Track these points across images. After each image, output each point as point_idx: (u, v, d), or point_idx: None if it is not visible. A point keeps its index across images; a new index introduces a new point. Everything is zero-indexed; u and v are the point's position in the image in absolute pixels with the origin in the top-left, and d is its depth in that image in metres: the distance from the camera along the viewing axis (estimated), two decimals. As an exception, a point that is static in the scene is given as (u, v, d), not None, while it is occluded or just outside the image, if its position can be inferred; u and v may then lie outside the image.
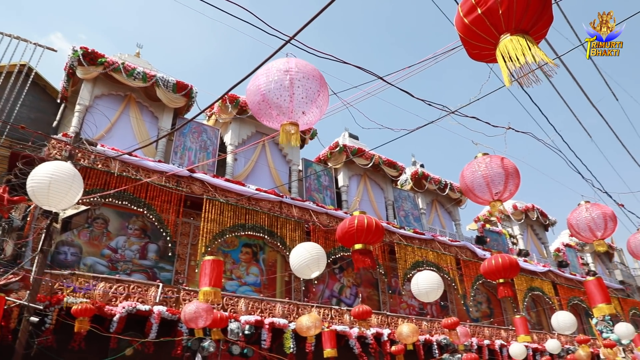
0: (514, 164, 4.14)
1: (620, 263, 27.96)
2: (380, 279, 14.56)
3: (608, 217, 4.97)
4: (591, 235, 4.99)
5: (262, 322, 10.31)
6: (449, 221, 18.73)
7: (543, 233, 23.21)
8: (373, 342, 11.84)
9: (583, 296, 19.59)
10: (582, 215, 5.03)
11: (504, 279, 5.23)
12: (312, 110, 3.33)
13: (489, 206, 4.17)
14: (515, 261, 5.50)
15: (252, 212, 11.94)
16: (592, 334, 17.48)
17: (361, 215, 4.58)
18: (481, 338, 14.68)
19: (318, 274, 4.99)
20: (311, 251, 4.96)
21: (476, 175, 4.07)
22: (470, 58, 2.60)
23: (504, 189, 3.99)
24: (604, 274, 24.93)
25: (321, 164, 15.38)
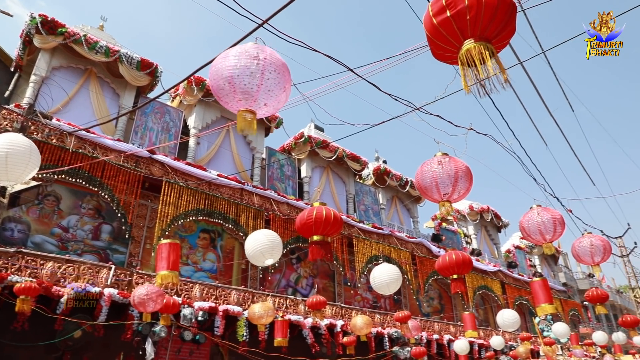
0: (467, 166, 4.24)
1: (565, 266, 29.38)
2: (337, 271, 14.70)
3: (557, 221, 5.20)
4: (541, 238, 5.21)
5: (216, 309, 10.21)
6: (407, 218, 19.10)
7: (496, 234, 24.06)
8: (326, 333, 11.97)
9: (528, 296, 20.46)
10: (533, 219, 5.25)
11: (457, 275, 5.40)
12: (273, 103, 3.31)
13: (439, 206, 4.27)
14: (469, 258, 5.68)
15: (212, 198, 11.77)
16: (534, 332, 18.30)
17: (320, 206, 4.58)
18: (431, 332, 15.10)
19: (272, 262, 4.97)
20: (267, 238, 4.92)
21: (428, 175, 4.15)
22: (434, 57, 2.65)
23: (452, 190, 4.09)
24: (549, 276, 26.11)
25: (285, 154, 15.33)
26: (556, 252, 27.87)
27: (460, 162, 4.22)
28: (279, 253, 5.14)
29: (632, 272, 24.34)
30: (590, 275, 29.02)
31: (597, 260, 5.90)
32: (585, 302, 26.92)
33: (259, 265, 5.37)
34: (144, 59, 11.79)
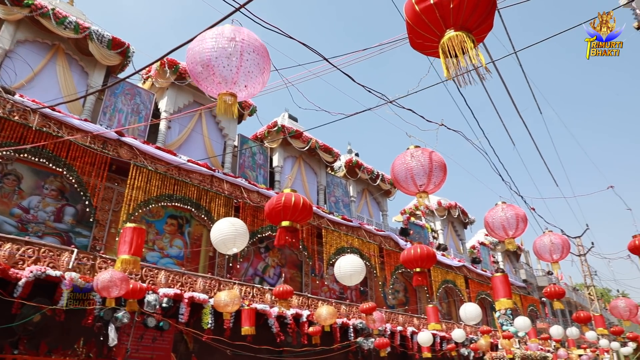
0: (442, 158, 4.31)
1: (526, 263, 30.35)
2: (305, 262, 14.74)
3: (520, 218, 5.35)
4: (504, 234, 5.36)
5: (181, 296, 10.09)
6: (376, 211, 19.30)
7: (462, 230, 24.61)
8: (292, 323, 12.01)
9: (490, 291, 21.06)
10: (498, 215, 5.39)
11: (420, 268, 5.49)
12: (254, 85, 3.25)
13: (415, 197, 4.32)
14: (433, 252, 5.79)
15: (182, 184, 11.58)
16: (493, 326, 18.86)
17: (290, 193, 4.57)
18: (395, 324, 15.35)
19: (236, 250, 4.93)
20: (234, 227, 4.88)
21: (403, 167, 4.19)
22: (412, 47, 2.65)
23: (428, 181, 4.14)
24: (511, 272, 26.93)
25: (257, 142, 15.20)
26: (518, 249, 28.76)
27: (435, 154, 4.28)
28: (245, 243, 5.10)
29: (588, 271, 25.35)
30: (549, 272, 30.04)
31: (555, 257, 6.11)
32: (543, 298, 27.91)
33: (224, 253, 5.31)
34: (116, 37, 11.44)
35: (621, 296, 12.94)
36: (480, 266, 22.97)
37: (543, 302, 28.49)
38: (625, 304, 10.99)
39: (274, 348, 11.44)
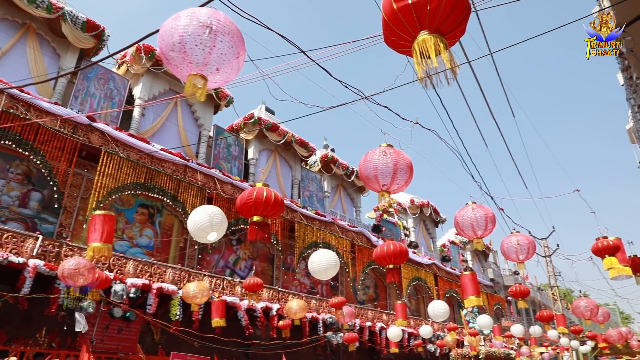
0: (408, 160, 4.35)
1: (494, 263, 31.05)
2: (277, 255, 14.72)
3: (489, 218, 5.47)
4: (472, 233, 5.46)
5: (149, 287, 9.95)
6: (350, 207, 19.40)
7: (433, 229, 24.98)
8: (261, 316, 11.99)
9: (458, 289, 21.47)
10: (467, 214, 5.49)
11: (392, 264, 5.56)
12: (226, 70, 3.18)
13: (379, 196, 4.35)
14: (405, 249, 5.86)
15: (154, 173, 11.38)
16: (460, 323, 19.24)
17: (262, 187, 4.54)
18: (364, 319, 15.50)
19: (215, 237, 4.88)
20: (211, 214, 4.81)
21: (370, 165, 4.22)
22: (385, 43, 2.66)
23: (391, 182, 4.18)
24: (479, 271, 27.50)
25: (233, 134, 15.06)
26: (487, 249, 29.38)
27: (402, 155, 4.31)
28: (224, 229, 5.04)
29: (553, 272, 26.10)
30: (515, 272, 30.79)
31: (521, 257, 6.27)
32: (509, 297, 28.63)
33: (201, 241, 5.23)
34: (90, 20, 11.13)
35: (583, 296, 13.37)
36: (449, 264, 23.38)
37: (509, 301, 29.23)
38: (586, 304, 11.38)
39: (242, 341, 11.40)
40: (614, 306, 51.26)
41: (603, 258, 7.22)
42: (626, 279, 7.95)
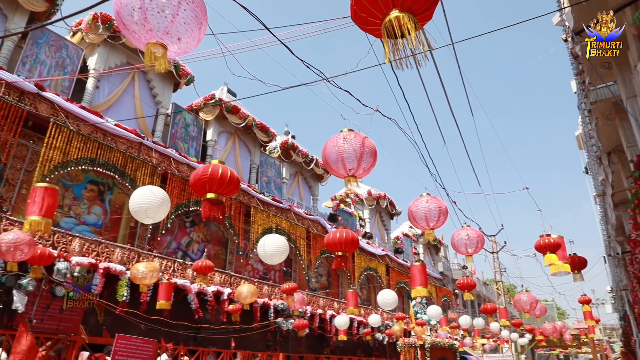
0: (373, 144, 4.34)
1: (444, 257, 32.00)
2: (231, 239, 14.54)
3: (442, 210, 5.58)
4: (425, 224, 5.56)
5: (96, 266, 9.61)
6: (307, 195, 19.41)
7: (388, 221, 25.41)
8: (212, 300, 11.85)
9: (409, 280, 21.97)
10: (421, 205, 5.58)
11: (342, 252, 5.58)
12: (188, 40, 3.04)
13: (345, 181, 4.34)
14: (356, 238, 5.88)
15: (106, 148, 10.93)
16: (408, 314, 19.73)
17: (217, 164, 4.42)
18: (315, 307, 15.61)
19: (152, 221, 4.71)
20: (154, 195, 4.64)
21: (335, 150, 4.19)
22: (353, 19, 2.59)
23: (357, 166, 4.17)
24: (430, 264, 28.27)
25: (192, 113, 14.66)
26: (438, 243, 30.21)
27: (367, 140, 4.29)
28: (164, 213, 4.88)
29: (499, 267, 27.17)
30: (464, 267, 31.82)
31: (470, 251, 6.45)
32: (456, 290, 29.61)
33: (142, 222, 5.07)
34: (43, -18, 10.48)
35: (524, 291, 13.97)
36: (402, 256, 23.88)
37: (456, 293, 30.23)
38: (527, 298, 11.91)
39: (191, 324, 11.23)
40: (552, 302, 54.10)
41: (545, 254, 7.54)
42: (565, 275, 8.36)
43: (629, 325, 17.13)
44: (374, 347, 19.32)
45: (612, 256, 13.27)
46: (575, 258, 8.34)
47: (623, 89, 6.44)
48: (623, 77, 6.49)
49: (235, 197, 13.97)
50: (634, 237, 6.84)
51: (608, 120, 7.89)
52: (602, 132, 8.22)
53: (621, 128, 7.61)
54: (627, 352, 24.56)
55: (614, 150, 8.59)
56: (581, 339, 32.51)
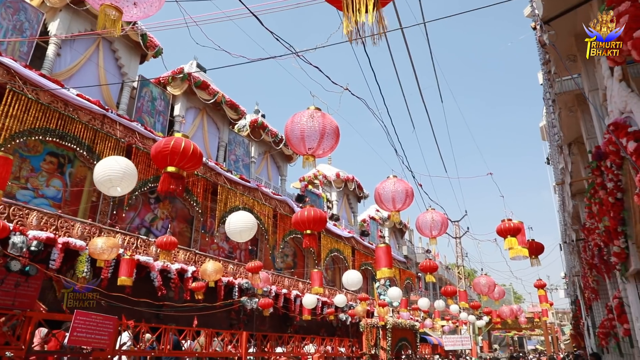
0: (336, 125, 4.31)
1: (409, 241, 32.64)
2: (197, 217, 14.36)
3: (408, 193, 5.64)
4: (392, 206, 5.61)
5: (54, 240, 9.32)
6: (276, 175, 19.31)
7: (355, 203, 25.62)
8: (176, 277, 11.72)
9: (374, 262, 22.34)
10: (388, 187, 5.61)
11: (310, 230, 5.58)
12: (145, 5, 2.90)
13: (303, 159, 4.29)
14: (324, 216, 5.89)
15: (67, 119, 10.52)
16: (372, 296, 20.10)
17: (181, 137, 4.29)
18: (280, 287, 15.68)
19: (120, 192, 4.57)
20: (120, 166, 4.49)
21: (297, 127, 4.13)
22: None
23: (317, 145, 4.13)
24: (395, 247, 28.77)
25: (159, 87, 14.25)
26: (404, 227, 30.74)
27: (330, 119, 4.25)
28: (132, 184, 4.73)
29: (461, 252, 27.92)
30: (427, 251, 32.55)
31: (434, 233, 6.58)
32: (419, 273, 30.32)
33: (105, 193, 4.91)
34: (0, -61, 9.86)
35: (484, 275, 14.42)
36: (367, 239, 24.20)
37: (419, 276, 30.96)
38: (485, 281, 12.31)
39: (153, 302, 11.09)
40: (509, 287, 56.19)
41: (505, 238, 7.77)
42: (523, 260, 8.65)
43: (579, 309, 17.97)
44: (337, 327, 19.64)
45: (568, 243, 13.82)
46: (533, 244, 8.65)
47: (586, 81, 6.61)
48: (587, 70, 6.66)
49: (202, 175, 13.76)
50: (588, 225, 7.10)
51: (570, 112, 8.11)
52: (564, 123, 8.45)
53: (582, 120, 7.84)
54: (576, 335, 25.87)
55: (575, 142, 8.86)
56: (535, 322, 34.02)
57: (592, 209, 6.31)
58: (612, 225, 5.23)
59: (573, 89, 7.48)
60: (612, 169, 4.72)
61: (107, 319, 8.59)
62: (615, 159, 4.57)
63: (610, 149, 4.49)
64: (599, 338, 8.74)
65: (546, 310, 24.23)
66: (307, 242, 5.56)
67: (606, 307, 7.78)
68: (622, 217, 5.14)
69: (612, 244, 5.48)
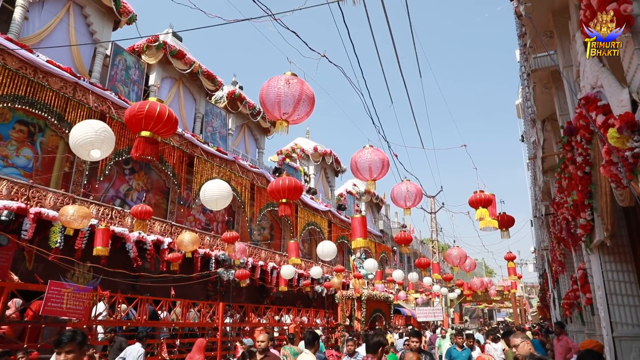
0: (312, 92, 4.28)
1: (385, 215, 33.07)
2: (173, 189, 14.24)
3: (384, 162, 5.70)
4: (368, 175, 5.67)
5: (26, 211, 9.14)
6: (253, 147, 19.19)
7: (333, 178, 25.74)
8: (151, 249, 11.67)
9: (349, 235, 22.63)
10: (365, 156, 5.66)
11: (286, 199, 5.60)
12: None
13: (277, 124, 4.27)
14: (300, 185, 5.91)
15: (37, 86, 10.18)
16: (348, 269, 20.43)
17: (156, 102, 4.20)
18: (257, 259, 15.79)
19: (99, 155, 4.48)
20: (97, 129, 4.39)
21: (273, 91, 4.09)
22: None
23: (292, 111, 4.11)
24: (371, 222, 29.15)
25: (134, 55, 13.86)
26: (380, 201, 31.10)
27: (306, 86, 4.23)
28: (110, 148, 4.63)
29: (436, 227, 28.46)
30: (403, 226, 33.06)
31: (409, 204, 6.69)
32: (394, 247, 30.88)
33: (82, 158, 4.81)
34: None
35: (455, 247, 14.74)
36: (344, 213, 24.42)
37: (394, 250, 31.53)
38: (457, 252, 12.66)
39: (129, 272, 11.05)
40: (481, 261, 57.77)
41: (476, 209, 7.95)
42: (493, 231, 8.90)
43: (546, 282, 18.68)
44: (313, 299, 19.97)
45: (537, 217, 14.24)
46: (504, 216, 8.88)
47: (562, 57, 6.71)
48: (562, 46, 6.76)
49: (178, 146, 13.59)
50: (557, 199, 7.32)
51: (545, 89, 8.26)
52: (538, 100, 8.61)
53: (556, 97, 8.00)
54: (543, 307, 26.90)
55: (548, 119, 9.05)
56: (504, 295, 35.19)
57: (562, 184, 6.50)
58: (580, 198, 5.42)
59: (549, 66, 7.60)
60: (581, 144, 4.86)
61: (81, 289, 8.54)
62: (585, 134, 4.69)
63: (580, 124, 4.60)
64: (563, 309, 9.13)
65: (515, 283, 25.09)
66: (282, 210, 5.59)
67: (571, 278, 8.10)
68: (589, 190, 5.32)
69: (579, 217, 5.68)
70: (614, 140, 3.07)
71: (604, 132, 3.25)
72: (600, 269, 5.64)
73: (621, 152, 3.06)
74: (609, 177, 3.54)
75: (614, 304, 5.52)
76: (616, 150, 3.11)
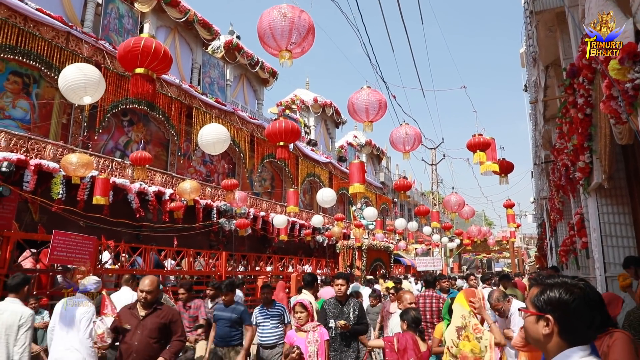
0: (312, 21, 4.13)
1: (386, 168, 33.12)
2: (172, 141, 14.19)
3: (382, 104, 5.62)
4: (365, 117, 5.61)
5: (26, 162, 9.16)
6: (252, 99, 18.96)
7: (334, 129, 25.59)
8: (153, 199, 11.78)
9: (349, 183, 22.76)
10: (362, 97, 5.57)
11: (283, 142, 5.58)
12: None
13: (279, 56, 4.16)
14: (297, 128, 5.86)
15: (29, 36, 9.95)
16: (349, 218, 20.69)
17: (150, 38, 4.08)
18: (258, 210, 15.96)
19: (90, 100, 4.42)
20: (87, 73, 4.30)
21: (268, 24, 3.95)
22: None
23: (302, 41, 3.99)
24: (372, 174, 29.24)
25: (127, 3, 13.43)
26: (381, 153, 31.07)
27: (306, 15, 4.08)
28: (101, 91, 4.56)
29: (436, 179, 28.56)
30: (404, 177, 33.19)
31: (408, 148, 6.66)
32: (395, 199, 31.13)
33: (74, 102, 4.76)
34: None
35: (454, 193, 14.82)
36: (345, 165, 24.45)
37: (394, 202, 31.81)
38: (456, 199, 12.77)
39: (132, 222, 11.21)
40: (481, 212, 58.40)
41: (474, 153, 7.92)
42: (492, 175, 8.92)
43: (544, 231, 18.91)
44: (314, 249, 20.33)
45: (537, 165, 14.26)
46: (503, 162, 8.88)
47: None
48: (569, -15, 6.52)
49: (176, 97, 13.43)
50: (557, 146, 7.29)
51: (550, 32, 8.04)
52: (542, 44, 8.40)
53: (561, 41, 7.81)
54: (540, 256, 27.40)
55: (552, 64, 8.87)
56: (503, 245, 35.77)
57: (563, 129, 6.46)
58: (580, 141, 5.40)
59: (554, 7, 7.38)
60: (583, 84, 4.79)
61: (86, 238, 8.67)
62: (588, 73, 4.62)
63: (583, 63, 4.52)
64: (559, 256, 9.28)
65: (514, 231, 25.41)
66: (280, 153, 5.58)
67: (568, 225, 8.19)
68: (589, 132, 5.29)
69: (578, 161, 5.68)
70: (615, 72, 3.02)
71: (606, 65, 3.18)
72: (597, 211, 5.70)
73: (622, 85, 3.02)
74: (608, 112, 3.50)
75: (608, 245, 5.63)
76: (617, 83, 3.06)
